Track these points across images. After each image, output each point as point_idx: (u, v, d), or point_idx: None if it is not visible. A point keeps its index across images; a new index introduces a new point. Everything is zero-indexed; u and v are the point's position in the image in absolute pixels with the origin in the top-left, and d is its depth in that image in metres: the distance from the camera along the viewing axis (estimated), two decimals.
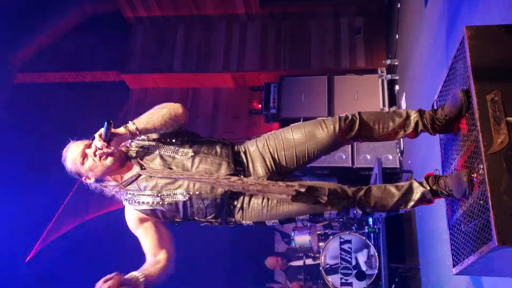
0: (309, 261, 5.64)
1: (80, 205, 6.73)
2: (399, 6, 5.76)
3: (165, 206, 2.13)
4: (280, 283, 6.44)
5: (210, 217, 2.16)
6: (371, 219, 4.77)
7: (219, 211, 2.14)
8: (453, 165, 2.16)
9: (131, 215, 2.22)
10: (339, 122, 2.17)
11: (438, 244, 3.62)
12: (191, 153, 2.16)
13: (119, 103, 7.40)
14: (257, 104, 6.47)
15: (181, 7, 7.24)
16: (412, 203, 2.11)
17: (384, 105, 5.87)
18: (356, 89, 6.05)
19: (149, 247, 2.21)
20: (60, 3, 6.43)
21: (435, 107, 2.21)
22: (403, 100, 5.52)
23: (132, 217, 2.21)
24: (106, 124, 2.01)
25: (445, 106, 2.08)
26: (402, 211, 2.16)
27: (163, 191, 2.12)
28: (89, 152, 2.14)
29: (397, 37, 5.84)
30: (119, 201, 2.27)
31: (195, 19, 7.40)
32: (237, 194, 2.13)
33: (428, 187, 2.09)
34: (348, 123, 2.17)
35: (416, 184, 2.12)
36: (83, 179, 2.23)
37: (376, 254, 4.51)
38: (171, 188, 2.12)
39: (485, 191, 1.67)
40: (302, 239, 5.50)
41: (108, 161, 2.14)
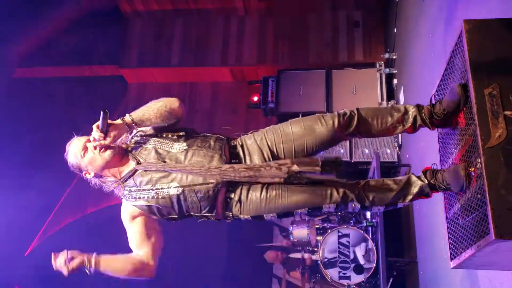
0: (308, 256, 5.64)
1: (79, 199, 6.73)
2: None
3: (160, 201, 2.13)
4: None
5: (205, 211, 2.15)
6: (369, 213, 4.78)
7: (213, 204, 2.14)
8: (451, 159, 2.16)
9: (126, 209, 2.23)
10: (337, 117, 2.17)
11: (435, 238, 3.63)
12: (185, 147, 2.17)
13: (117, 98, 7.39)
14: (254, 98, 6.46)
15: (178, 0, 7.22)
16: (410, 197, 2.11)
17: (382, 99, 5.86)
18: (354, 83, 6.04)
19: (133, 242, 2.21)
20: None
21: (433, 102, 2.21)
22: (401, 94, 5.51)
23: (126, 211, 2.22)
24: (102, 113, 2.05)
25: (443, 100, 2.08)
26: (400, 205, 2.16)
27: (157, 184, 2.13)
28: (90, 145, 2.19)
29: (395, 30, 5.82)
30: (117, 197, 2.28)
31: (192, 12, 7.38)
32: (233, 186, 2.13)
33: (426, 181, 2.09)
34: (346, 118, 2.17)
35: (414, 178, 2.12)
36: (83, 173, 2.26)
37: (374, 248, 4.53)
38: (165, 181, 2.13)
39: (482, 185, 1.67)
40: (300, 233, 5.50)
41: (107, 154, 2.17)
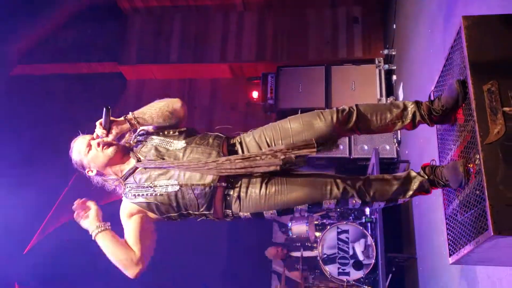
0: (307, 253, 5.64)
1: (78, 196, 6.71)
2: None
3: (158, 198, 2.14)
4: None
5: (203, 208, 2.15)
6: (368, 210, 4.79)
7: (211, 201, 2.14)
8: (450, 155, 2.16)
9: (125, 206, 2.23)
10: (336, 113, 2.17)
11: (434, 234, 3.63)
12: (184, 144, 2.19)
13: (117, 95, 7.38)
14: (253, 94, 6.45)
15: None
16: (410, 192, 2.11)
17: (381, 95, 5.86)
18: (353, 79, 6.04)
19: (128, 239, 2.20)
20: None
21: (432, 98, 2.21)
22: (401, 90, 5.51)
23: (125, 208, 2.23)
24: (104, 110, 2.13)
25: (442, 97, 2.08)
26: (400, 201, 2.15)
27: (155, 182, 2.15)
28: (94, 143, 2.23)
29: (394, 26, 5.81)
30: (119, 194, 2.29)
31: (191, 9, 7.37)
32: (232, 183, 2.13)
33: (425, 177, 2.10)
34: (345, 114, 2.17)
35: (413, 174, 2.13)
36: (86, 171, 2.30)
37: (373, 244, 4.54)
38: (163, 179, 2.14)
39: (481, 181, 1.67)
40: (299, 229, 5.51)
41: (109, 151, 2.21)
